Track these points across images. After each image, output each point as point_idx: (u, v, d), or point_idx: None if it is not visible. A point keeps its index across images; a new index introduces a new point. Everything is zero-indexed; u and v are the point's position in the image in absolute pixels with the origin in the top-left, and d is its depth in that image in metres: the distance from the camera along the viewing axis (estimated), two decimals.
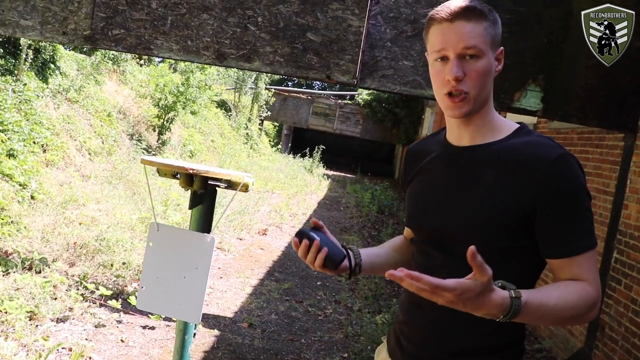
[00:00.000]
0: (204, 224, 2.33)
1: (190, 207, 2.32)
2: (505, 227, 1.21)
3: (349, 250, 1.45)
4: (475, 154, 1.29)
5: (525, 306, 1.09)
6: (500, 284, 1.09)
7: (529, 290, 1.12)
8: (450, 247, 1.28)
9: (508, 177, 1.22)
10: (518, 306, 1.08)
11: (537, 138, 1.26)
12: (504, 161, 1.24)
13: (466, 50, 1.22)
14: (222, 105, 19.42)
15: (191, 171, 2.17)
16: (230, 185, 2.32)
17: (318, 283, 6.18)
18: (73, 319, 3.91)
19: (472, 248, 0.99)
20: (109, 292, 4.34)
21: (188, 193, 2.34)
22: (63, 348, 3.47)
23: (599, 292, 1.20)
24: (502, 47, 1.29)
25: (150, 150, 10.92)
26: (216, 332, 4.28)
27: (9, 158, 5.91)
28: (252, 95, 20.82)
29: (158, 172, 2.35)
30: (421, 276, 1.01)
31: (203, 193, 2.29)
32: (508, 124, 1.32)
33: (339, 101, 24.08)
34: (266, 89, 21.59)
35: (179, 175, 2.29)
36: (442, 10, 1.24)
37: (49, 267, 4.46)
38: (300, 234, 1.36)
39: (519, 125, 1.32)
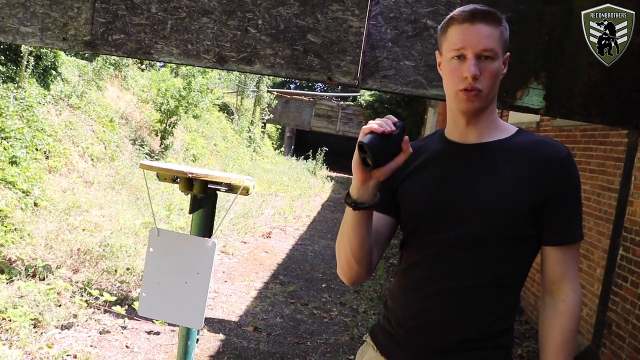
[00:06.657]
0: (205, 228, 2.31)
1: (191, 212, 2.30)
2: (522, 215, 1.32)
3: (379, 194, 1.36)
4: (488, 149, 1.39)
5: None
6: None
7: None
8: (465, 234, 1.34)
9: (524, 171, 1.34)
10: None
11: (543, 138, 1.40)
12: (518, 157, 1.36)
13: (484, 52, 1.31)
14: (225, 108, 19.42)
15: (190, 175, 2.15)
16: (231, 188, 2.30)
17: (323, 285, 6.16)
18: (77, 325, 3.90)
19: None
20: (113, 298, 4.33)
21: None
22: (68, 355, 3.46)
23: (579, 291, 1.37)
24: (508, 53, 1.40)
25: (153, 155, 10.92)
26: (221, 336, 4.27)
27: (12, 165, 5.91)
28: (254, 98, 20.82)
29: (158, 177, 2.33)
30: None
31: (203, 197, 2.28)
32: (508, 125, 1.45)
33: (341, 102, 24.08)
34: (268, 91, 21.58)
35: (179, 180, 2.28)
36: (463, 11, 1.33)
37: (53, 274, 4.46)
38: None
39: (518, 128, 1.44)
